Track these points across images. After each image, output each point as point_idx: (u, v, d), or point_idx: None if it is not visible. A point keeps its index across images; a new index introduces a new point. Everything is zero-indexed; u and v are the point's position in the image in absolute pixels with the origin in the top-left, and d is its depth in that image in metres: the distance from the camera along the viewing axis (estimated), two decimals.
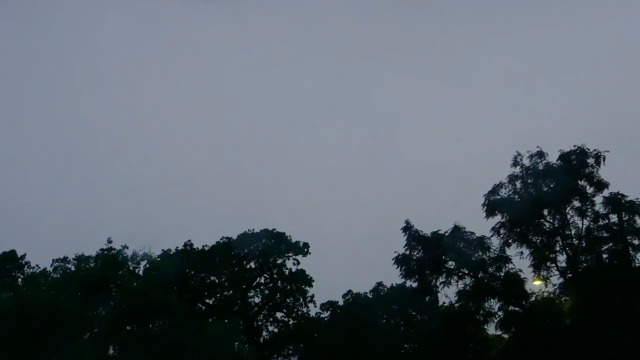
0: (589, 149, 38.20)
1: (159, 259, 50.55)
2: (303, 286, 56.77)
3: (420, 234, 39.18)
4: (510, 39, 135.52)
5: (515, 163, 39.37)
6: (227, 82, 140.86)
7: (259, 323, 56.42)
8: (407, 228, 39.37)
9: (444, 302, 40.72)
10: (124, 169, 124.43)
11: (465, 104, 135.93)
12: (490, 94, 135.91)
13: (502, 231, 38.60)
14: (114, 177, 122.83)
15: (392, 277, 45.45)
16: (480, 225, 39.32)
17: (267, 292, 57.08)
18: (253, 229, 57.55)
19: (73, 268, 46.19)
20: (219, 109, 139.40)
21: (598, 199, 37.98)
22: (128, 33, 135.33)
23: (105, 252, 47.36)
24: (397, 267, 38.93)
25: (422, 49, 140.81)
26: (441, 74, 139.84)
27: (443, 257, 38.83)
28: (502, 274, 38.30)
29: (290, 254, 57.40)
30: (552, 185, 38.57)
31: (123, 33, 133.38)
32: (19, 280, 45.01)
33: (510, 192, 39.36)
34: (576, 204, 38.23)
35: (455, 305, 39.14)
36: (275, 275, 57.29)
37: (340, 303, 56.47)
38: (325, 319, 55.84)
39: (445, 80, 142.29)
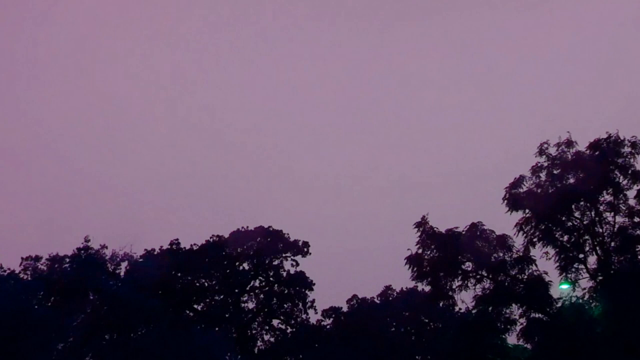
0: (624, 137, 38.01)
1: (141, 260, 50.38)
2: (303, 290, 56.54)
3: (435, 230, 38.93)
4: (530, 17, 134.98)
5: (541, 152, 39.09)
6: (218, 76, 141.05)
7: (254, 331, 56.21)
8: (422, 224, 39.03)
9: (459, 308, 40.62)
10: (104, 162, 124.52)
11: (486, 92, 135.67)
12: (513, 79, 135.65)
13: (525, 228, 38.38)
14: (92, 170, 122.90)
15: (403, 279, 45.26)
16: (501, 222, 39.16)
17: (262, 296, 56.84)
18: (247, 227, 57.36)
19: (45, 269, 46.11)
20: (211, 100, 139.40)
21: (632, 193, 37.87)
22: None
23: (82, 251, 47.20)
24: (409, 267, 38.72)
25: (445, 33, 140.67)
26: (456, 62, 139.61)
27: (459, 257, 38.61)
28: (525, 277, 38.09)
29: (288, 254, 57.16)
30: (581, 177, 38.31)
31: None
32: None
33: (534, 185, 39.14)
34: (608, 198, 38.01)
35: (472, 311, 38.95)
36: (271, 278, 57.07)
37: (344, 309, 56.31)
38: (328, 326, 55.63)
39: (462, 68, 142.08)
